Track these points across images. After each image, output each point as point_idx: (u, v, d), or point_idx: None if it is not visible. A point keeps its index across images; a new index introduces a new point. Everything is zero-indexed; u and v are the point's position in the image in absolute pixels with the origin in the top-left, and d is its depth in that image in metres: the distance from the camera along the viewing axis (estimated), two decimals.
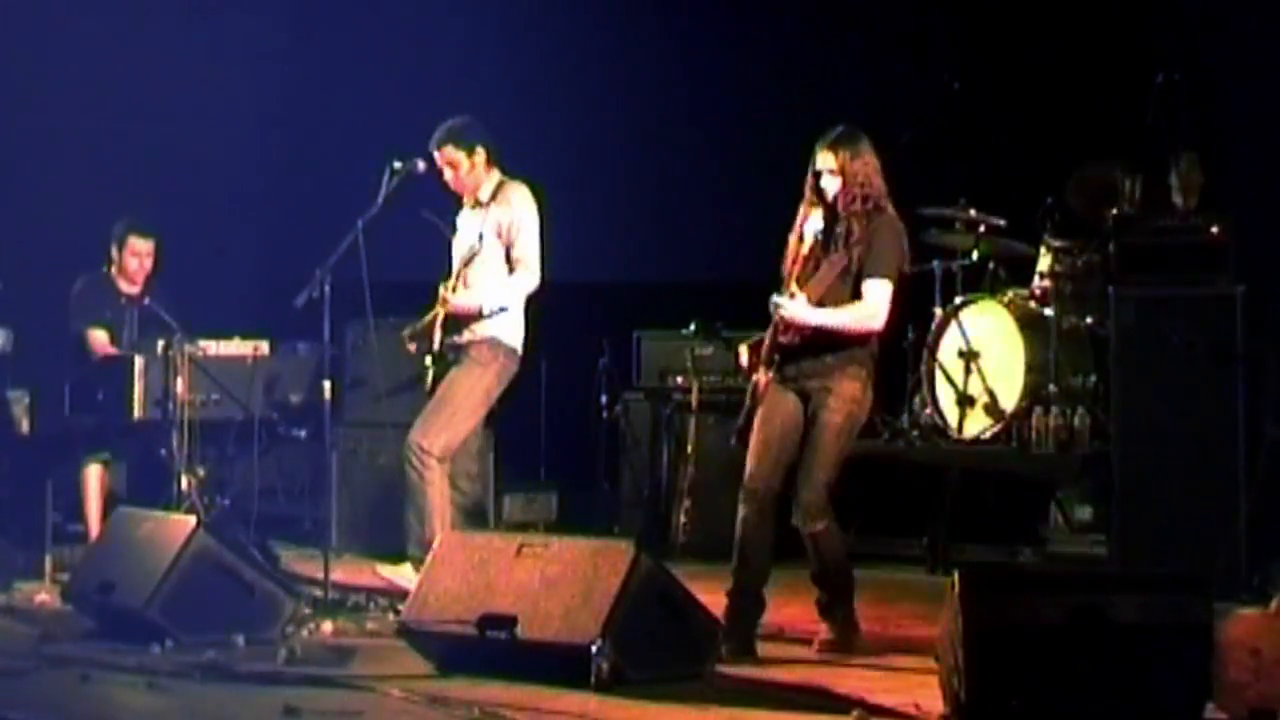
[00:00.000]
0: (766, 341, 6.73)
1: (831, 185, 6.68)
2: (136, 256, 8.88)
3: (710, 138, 10.84)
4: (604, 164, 10.69)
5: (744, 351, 6.84)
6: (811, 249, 6.69)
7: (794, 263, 6.73)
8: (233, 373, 8.35)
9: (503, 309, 7.59)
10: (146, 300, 8.72)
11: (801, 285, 6.63)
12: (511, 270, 7.61)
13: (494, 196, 7.66)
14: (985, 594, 5.20)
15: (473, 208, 7.74)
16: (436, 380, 7.65)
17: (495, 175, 7.69)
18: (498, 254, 7.60)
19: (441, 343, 7.63)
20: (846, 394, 6.64)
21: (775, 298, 6.66)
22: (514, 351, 7.67)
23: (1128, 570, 7.04)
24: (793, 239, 6.81)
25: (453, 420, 7.53)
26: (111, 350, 8.77)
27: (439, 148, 7.61)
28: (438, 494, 7.46)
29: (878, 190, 6.69)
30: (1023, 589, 5.30)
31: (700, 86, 10.92)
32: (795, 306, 6.62)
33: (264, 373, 8.49)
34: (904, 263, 6.73)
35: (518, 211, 7.61)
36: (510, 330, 7.65)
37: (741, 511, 6.70)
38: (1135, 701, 5.07)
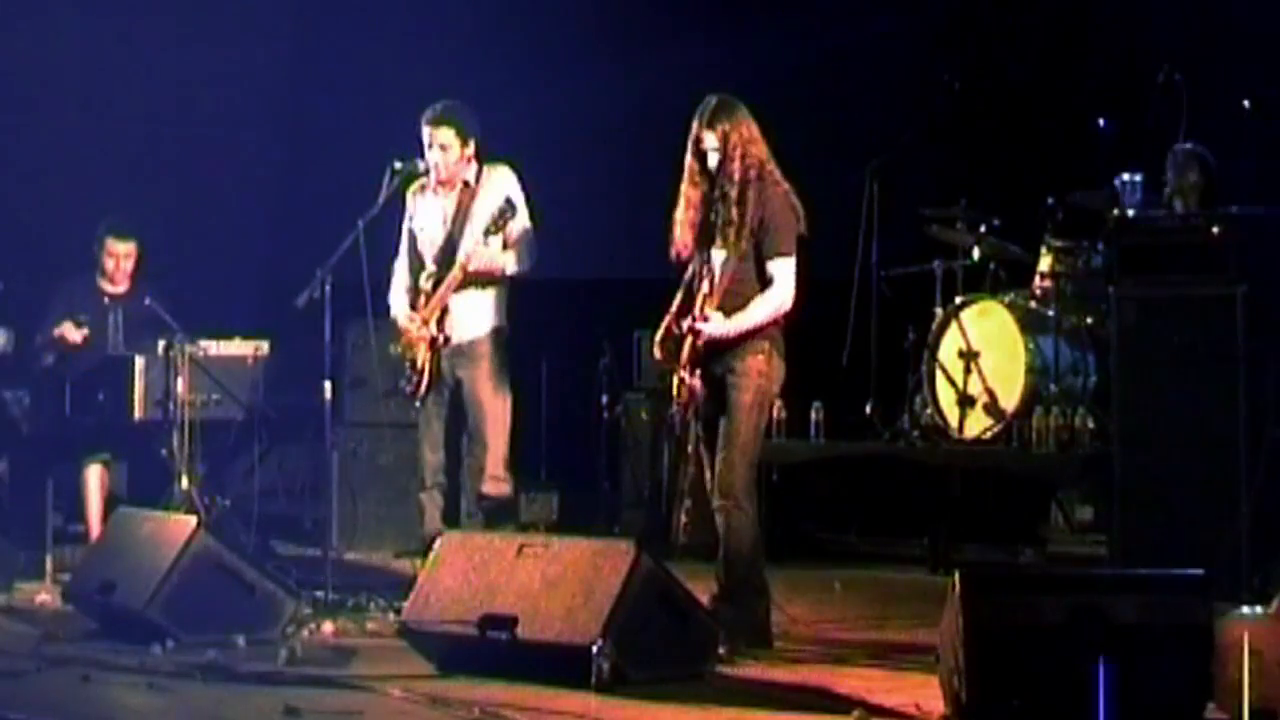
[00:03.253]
0: (685, 351, 6.68)
1: (713, 159, 6.65)
2: (114, 258, 8.84)
3: None
4: (604, 163, 10.70)
5: (658, 350, 6.82)
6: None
7: (699, 278, 6.69)
8: (233, 373, 8.35)
9: (520, 271, 7.47)
10: (146, 300, 8.71)
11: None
12: (505, 248, 7.48)
13: (478, 179, 7.51)
14: (985, 594, 5.20)
15: (447, 193, 7.54)
16: (424, 371, 7.51)
17: (473, 166, 7.58)
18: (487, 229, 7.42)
19: (442, 337, 7.49)
20: (751, 369, 6.63)
21: (696, 325, 6.61)
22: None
23: (1128, 570, 7.03)
24: (678, 226, 6.76)
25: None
26: (73, 332, 8.68)
27: (437, 125, 7.45)
28: None
29: (759, 158, 6.65)
30: (1023, 589, 5.30)
31: (701, 86, 10.90)
32: (713, 326, 6.60)
33: (264, 373, 8.49)
34: (800, 227, 6.70)
35: (513, 189, 7.49)
36: (505, 316, 7.58)
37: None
38: (1135, 701, 5.07)
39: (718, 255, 6.64)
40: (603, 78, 10.89)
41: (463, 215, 7.48)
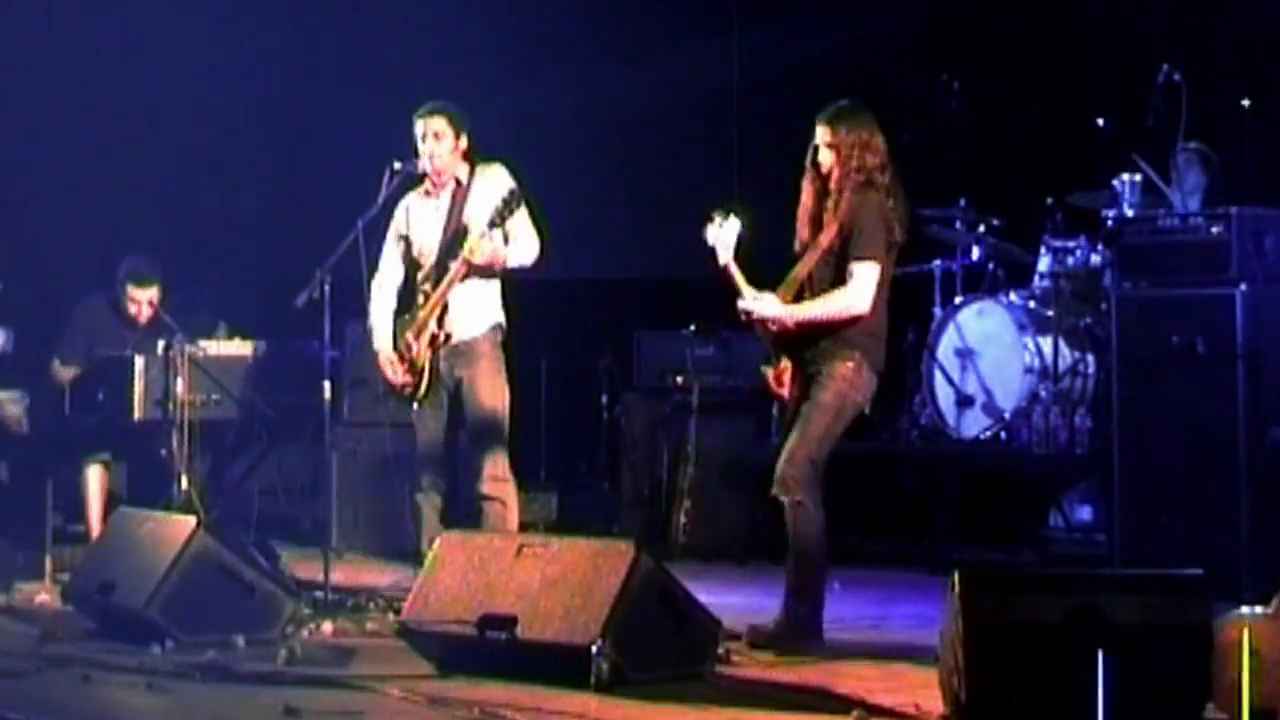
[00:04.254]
0: (763, 332, 6.78)
1: (826, 159, 6.70)
2: (136, 304, 8.80)
3: (711, 137, 10.85)
4: (604, 163, 10.70)
5: (769, 374, 6.86)
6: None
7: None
8: (233, 373, 8.35)
9: (521, 265, 7.44)
10: (163, 343, 8.65)
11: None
12: (506, 241, 7.42)
13: (467, 185, 7.48)
14: (985, 594, 5.19)
15: (439, 194, 7.52)
16: (434, 372, 7.51)
17: (465, 165, 7.56)
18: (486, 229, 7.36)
19: (443, 334, 7.45)
20: (838, 374, 6.67)
21: (741, 303, 6.72)
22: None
23: (1127, 570, 7.03)
24: (800, 221, 6.83)
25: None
26: (65, 374, 8.73)
27: (430, 114, 7.44)
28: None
29: (871, 165, 6.69)
30: (1022, 589, 5.29)
31: (701, 85, 10.93)
32: (763, 306, 6.70)
33: (264, 373, 8.49)
34: (893, 235, 6.71)
35: (501, 186, 7.42)
36: (503, 313, 7.56)
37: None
38: (1135, 701, 5.07)
39: (812, 249, 6.70)
40: (603, 78, 10.91)
41: (458, 212, 7.46)
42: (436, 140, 7.43)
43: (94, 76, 10.62)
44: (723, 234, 6.79)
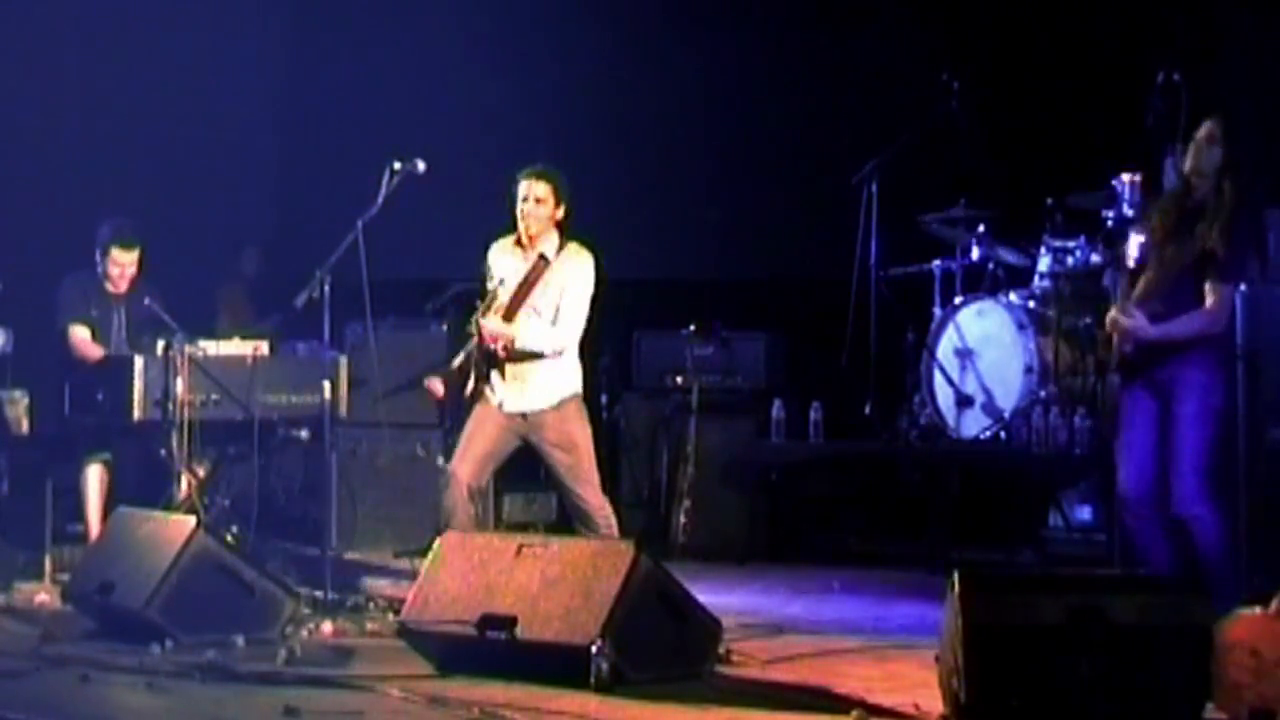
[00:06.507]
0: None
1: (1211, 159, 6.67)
2: (119, 266, 8.84)
3: (710, 137, 10.85)
4: (604, 163, 10.69)
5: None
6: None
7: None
8: (233, 373, 8.35)
9: (556, 353, 7.45)
10: (145, 300, 8.71)
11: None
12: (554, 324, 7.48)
13: (558, 255, 7.51)
14: (985, 594, 5.20)
15: (524, 255, 7.54)
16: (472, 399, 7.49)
17: (556, 235, 7.57)
18: (550, 310, 7.47)
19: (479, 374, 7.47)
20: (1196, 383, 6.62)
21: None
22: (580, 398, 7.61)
23: (1128, 571, 7.03)
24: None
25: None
26: (93, 347, 8.75)
27: (537, 178, 7.48)
28: None
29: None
30: (1022, 589, 5.30)
31: (701, 86, 10.92)
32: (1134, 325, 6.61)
33: (264, 373, 8.48)
34: (1263, 258, 6.76)
35: (576, 278, 7.48)
36: (578, 381, 7.57)
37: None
38: (1135, 702, 5.07)
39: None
40: (606, 79, 10.90)
41: (529, 286, 7.46)
42: (538, 204, 7.48)
43: (94, 77, 10.62)
44: None
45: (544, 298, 7.44)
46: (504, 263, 7.60)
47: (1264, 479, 7.67)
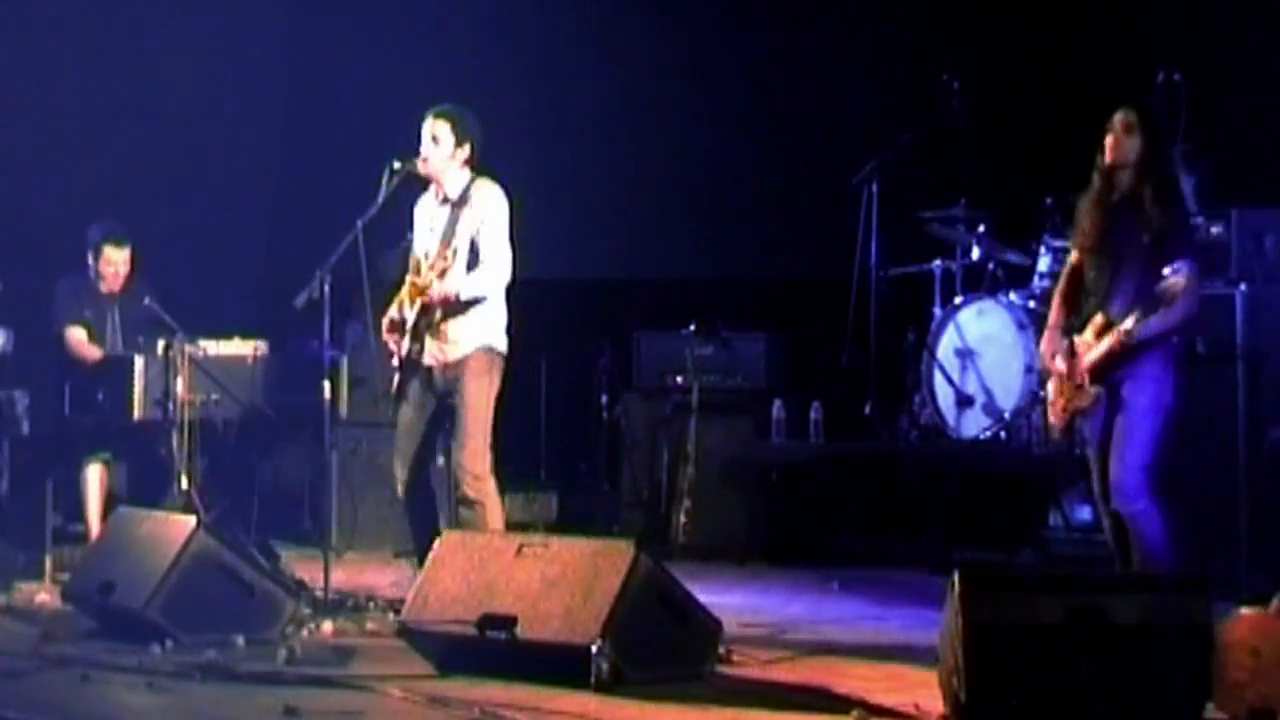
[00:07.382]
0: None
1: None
2: (111, 265, 8.84)
3: (710, 137, 10.86)
4: (604, 163, 10.70)
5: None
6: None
7: None
8: (233, 373, 8.35)
9: (477, 300, 7.27)
10: (145, 300, 8.71)
11: None
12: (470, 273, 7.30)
13: (463, 197, 7.37)
14: (985, 594, 5.20)
15: (440, 204, 7.43)
16: (404, 386, 7.41)
17: (467, 174, 7.43)
18: (466, 254, 7.28)
19: (418, 337, 7.32)
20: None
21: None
22: (503, 356, 7.40)
23: (1128, 571, 7.03)
24: None
25: (488, 436, 7.29)
26: (90, 348, 8.74)
27: (435, 117, 7.37)
28: (497, 510, 7.32)
29: None
30: (1022, 589, 5.29)
31: (701, 86, 10.93)
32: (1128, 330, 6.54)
33: (264, 373, 8.49)
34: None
35: (487, 211, 7.31)
36: (498, 335, 7.38)
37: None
38: (1135, 701, 5.07)
39: None
40: (604, 78, 10.90)
41: (451, 227, 7.34)
42: (435, 144, 7.36)
43: (94, 77, 10.62)
44: None
45: (461, 239, 7.26)
46: (421, 215, 7.50)
47: (1264, 479, 7.68)
